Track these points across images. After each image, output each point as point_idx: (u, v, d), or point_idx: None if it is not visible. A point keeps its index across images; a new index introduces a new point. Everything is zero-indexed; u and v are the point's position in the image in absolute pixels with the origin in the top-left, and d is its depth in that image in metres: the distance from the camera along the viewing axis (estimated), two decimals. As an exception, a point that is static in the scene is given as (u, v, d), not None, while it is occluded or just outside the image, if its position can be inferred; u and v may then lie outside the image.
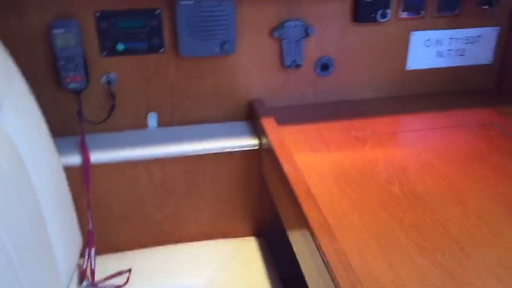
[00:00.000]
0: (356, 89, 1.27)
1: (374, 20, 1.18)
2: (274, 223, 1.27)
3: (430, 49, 1.26)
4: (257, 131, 1.18)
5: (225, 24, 1.12)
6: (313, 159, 1.02)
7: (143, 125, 1.21)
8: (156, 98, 1.19)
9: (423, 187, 0.92)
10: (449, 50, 1.27)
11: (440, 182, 0.94)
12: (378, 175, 0.96)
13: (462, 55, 1.28)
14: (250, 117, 1.24)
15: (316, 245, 0.76)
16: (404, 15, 1.20)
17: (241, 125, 1.23)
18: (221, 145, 1.16)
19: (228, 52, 1.15)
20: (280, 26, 1.16)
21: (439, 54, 1.27)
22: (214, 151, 1.16)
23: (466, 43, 1.27)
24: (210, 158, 1.16)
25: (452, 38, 1.25)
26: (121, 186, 1.15)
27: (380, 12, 1.17)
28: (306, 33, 1.17)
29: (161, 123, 1.22)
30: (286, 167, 0.95)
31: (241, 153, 1.17)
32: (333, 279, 0.69)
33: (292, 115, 1.20)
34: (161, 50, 1.14)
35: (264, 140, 1.12)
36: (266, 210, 1.25)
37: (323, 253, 0.73)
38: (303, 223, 0.83)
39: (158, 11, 1.10)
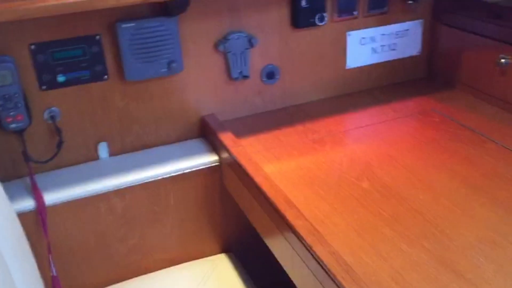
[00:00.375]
0: (302, 93, 1.30)
1: (313, 24, 1.21)
2: (242, 236, 1.26)
3: (366, 46, 1.32)
4: (215, 146, 1.16)
5: (170, 43, 1.09)
6: (280, 167, 1.03)
7: (94, 156, 1.15)
8: (104, 127, 1.14)
9: (390, 179, 0.96)
10: (382, 45, 1.34)
11: (404, 172, 0.98)
12: (346, 173, 0.99)
13: (394, 49, 1.36)
14: (203, 134, 1.22)
15: (310, 252, 0.77)
16: (339, 17, 1.25)
17: (196, 143, 1.21)
18: (180, 166, 1.13)
19: (176, 71, 1.12)
20: (224, 39, 1.16)
21: (374, 50, 1.33)
22: (174, 173, 1.13)
23: (396, 37, 1.34)
24: (171, 181, 1.13)
25: (383, 34, 1.32)
26: (81, 224, 1.08)
27: (317, 16, 1.21)
28: (250, 43, 1.18)
29: (112, 152, 1.16)
30: (259, 180, 0.94)
31: (202, 171, 1.15)
32: (337, 282, 0.70)
33: (246, 126, 1.20)
34: (105, 77, 1.09)
35: (224, 155, 1.11)
36: (232, 225, 1.24)
37: (320, 259, 0.74)
38: (290, 232, 0.83)
39: (98, 37, 1.05)
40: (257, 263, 1.23)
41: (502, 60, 1.16)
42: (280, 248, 0.90)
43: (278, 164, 1.04)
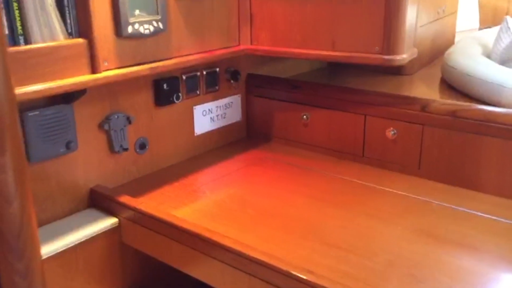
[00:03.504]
0: (167, 158, 1.58)
1: (172, 102, 1.53)
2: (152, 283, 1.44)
3: (206, 117, 1.69)
4: (110, 211, 1.34)
5: (68, 126, 1.26)
6: (181, 213, 1.28)
7: (-4, 240, 1.20)
8: (5, 209, 1.20)
9: (264, 204, 1.33)
10: (217, 115, 1.73)
11: (270, 198, 1.36)
12: (232, 206, 1.32)
13: (225, 118, 1.76)
14: (94, 203, 1.38)
15: (244, 257, 1.06)
16: (188, 95, 1.59)
17: (90, 212, 1.36)
18: (84, 233, 1.27)
19: (73, 149, 1.29)
20: (107, 119, 1.37)
21: (212, 119, 1.71)
22: (79, 241, 1.26)
23: (226, 108, 1.76)
24: (80, 248, 1.25)
25: (217, 106, 1.72)
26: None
27: (175, 95, 1.53)
28: (128, 121, 1.42)
29: (13, 233, 1.22)
30: (177, 220, 1.19)
31: (105, 234, 1.31)
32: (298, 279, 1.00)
33: (132, 190, 1.41)
34: (7, 161, 1.18)
35: (127, 214, 1.30)
36: (139, 275, 1.41)
37: (256, 259, 1.04)
38: (220, 250, 1.10)
39: (2, 126, 1.16)
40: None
41: (304, 117, 1.67)
42: (208, 268, 1.15)
43: (178, 211, 1.29)
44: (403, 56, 1.36)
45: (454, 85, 1.68)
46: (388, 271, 1.03)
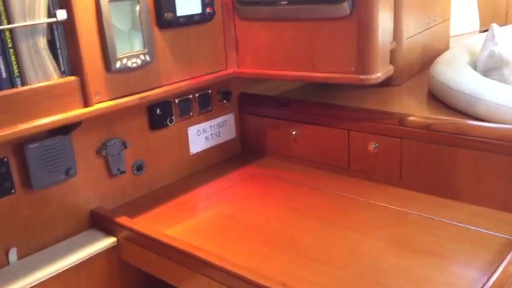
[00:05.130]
0: (163, 177, 1.68)
1: (166, 125, 1.63)
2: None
3: (201, 136, 1.79)
4: (110, 231, 1.44)
5: (67, 154, 1.37)
6: (174, 231, 1.38)
7: (4, 263, 1.31)
8: (12, 235, 1.32)
9: (253, 220, 1.41)
10: (211, 134, 1.82)
11: (260, 214, 1.45)
12: (222, 224, 1.41)
13: (219, 136, 1.86)
14: (94, 224, 1.49)
15: (227, 273, 1.15)
16: (181, 118, 1.69)
17: (91, 232, 1.47)
18: (85, 253, 1.38)
19: (72, 176, 1.40)
20: (104, 145, 1.48)
21: (206, 138, 1.81)
22: (80, 261, 1.37)
23: (219, 127, 1.85)
24: (81, 267, 1.36)
25: (211, 126, 1.81)
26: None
27: (168, 119, 1.63)
28: (124, 146, 1.53)
29: (20, 256, 1.34)
30: (169, 240, 1.29)
31: (104, 253, 1.41)
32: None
33: (130, 210, 1.51)
34: (12, 191, 1.30)
35: (124, 234, 1.40)
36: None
37: (239, 274, 1.13)
38: (207, 267, 1.19)
39: (6, 159, 1.28)
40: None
41: (293, 132, 1.76)
42: (197, 284, 1.25)
43: (172, 229, 1.39)
44: (378, 75, 1.44)
45: (438, 96, 1.75)
46: (358, 281, 1.11)
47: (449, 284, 1.09)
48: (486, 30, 2.51)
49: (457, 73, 1.74)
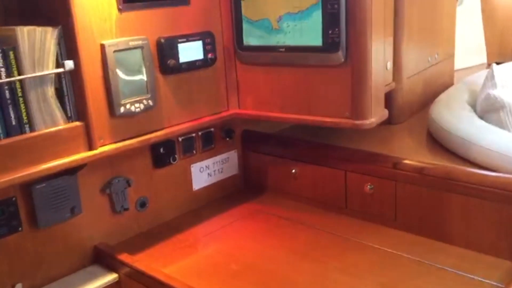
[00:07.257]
0: (166, 213, 1.74)
1: (169, 163, 1.70)
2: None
3: (204, 173, 1.85)
4: (112, 267, 1.50)
5: (72, 193, 1.44)
6: (172, 269, 1.43)
7: (10, 297, 1.38)
8: (18, 271, 1.39)
9: (249, 259, 1.45)
10: (214, 170, 1.88)
11: (255, 253, 1.49)
12: (218, 262, 1.45)
13: (222, 172, 1.91)
14: (97, 259, 1.54)
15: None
16: (184, 156, 1.76)
17: (94, 268, 1.52)
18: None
19: (77, 214, 1.46)
20: (108, 183, 1.55)
21: (209, 175, 1.87)
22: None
23: (222, 164, 1.91)
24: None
25: (214, 162, 1.87)
26: None
27: (171, 157, 1.70)
28: (128, 184, 1.59)
29: (26, 290, 1.41)
30: (165, 278, 1.34)
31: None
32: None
33: (132, 247, 1.57)
34: (19, 229, 1.37)
35: (125, 270, 1.46)
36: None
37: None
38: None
39: (14, 198, 1.35)
40: None
41: (293, 171, 1.80)
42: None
43: (171, 267, 1.44)
44: (372, 120, 1.49)
45: (435, 137, 1.78)
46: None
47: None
48: (495, 62, 2.53)
49: (455, 115, 1.77)
